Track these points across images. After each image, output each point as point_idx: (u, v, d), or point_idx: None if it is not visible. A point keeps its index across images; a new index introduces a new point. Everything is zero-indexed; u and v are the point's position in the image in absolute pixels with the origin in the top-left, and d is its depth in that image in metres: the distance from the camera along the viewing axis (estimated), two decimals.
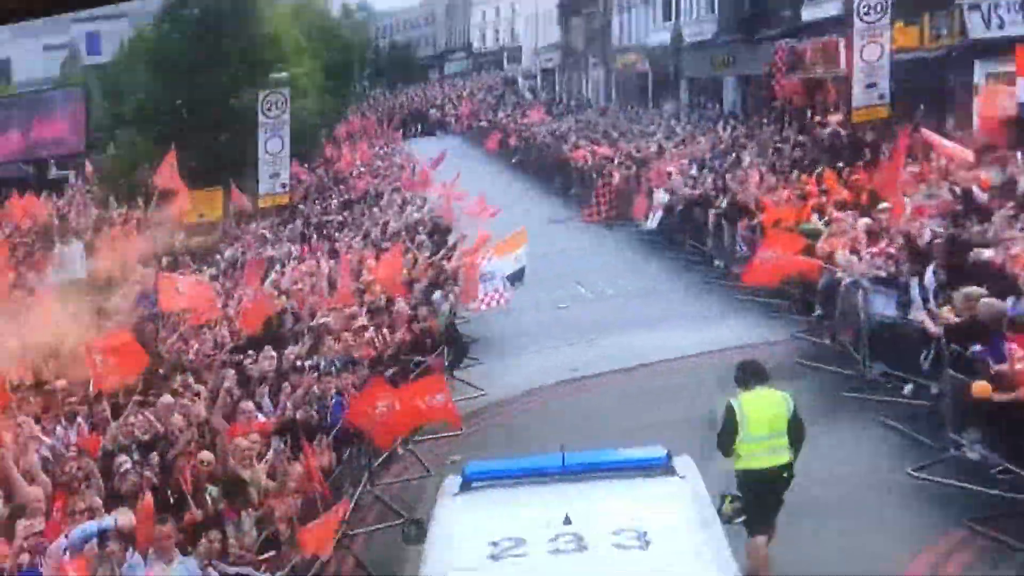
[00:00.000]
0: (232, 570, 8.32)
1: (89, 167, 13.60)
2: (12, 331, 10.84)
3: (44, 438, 9.42)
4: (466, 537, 5.93)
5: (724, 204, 12.86)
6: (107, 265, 12.01)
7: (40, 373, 10.43)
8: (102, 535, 7.98)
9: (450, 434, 9.81)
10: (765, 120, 14.63)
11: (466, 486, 6.39)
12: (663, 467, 6.28)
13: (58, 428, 9.71)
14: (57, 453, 9.26)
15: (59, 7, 10.55)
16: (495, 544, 5.73)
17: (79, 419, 9.83)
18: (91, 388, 10.07)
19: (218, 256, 12.84)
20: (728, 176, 13.33)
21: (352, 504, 9.19)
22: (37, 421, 9.63)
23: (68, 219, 12.81)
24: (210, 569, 8.18)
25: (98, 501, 8.39)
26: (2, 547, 8.15)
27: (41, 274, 11.91)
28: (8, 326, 10.90)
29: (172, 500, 8.81)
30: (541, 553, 5.62)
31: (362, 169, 14.57)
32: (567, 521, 5.74)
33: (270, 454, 9.13)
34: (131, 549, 8.01)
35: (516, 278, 11.52)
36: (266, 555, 8.38)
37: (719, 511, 6.51)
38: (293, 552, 8.37)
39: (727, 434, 7.57)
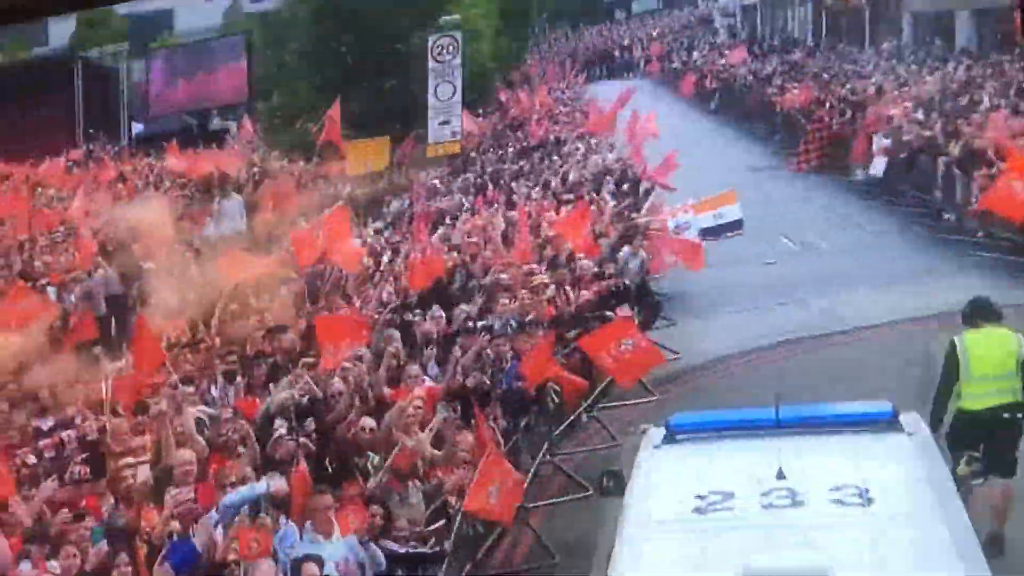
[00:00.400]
0: (400, 549, 8.06)
1: (250, 118, 13.57)
2: (171, 287, 10.84)
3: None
4: (670, 490, 6.00)
5: (957, 151, 11.96)
6: (268, 219, 11.92)
7: (196, 331, 10.40)
8: (253, 504, 7.83)
9: (638, 401, 9.40)
10: (1007, 57, 13.54)
11: (670, 438, 6.47)
12: (888, 422, 6.16)
13: (213, 389, 9.64)
14: (213, 415, 9.19)
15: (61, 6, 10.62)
16: (701, 497, 5.79)
17: (238, 379, 9.75)
18: (248, 349, 10.02)
19: (384, 208, 12.58)
20: (961, 120, 12.39)
21: (531, 476, 8.90)
22: (191, 382, 9.59)
23: (229, 171, 12.77)
24: (371, 544, 7.95)
25: (250, 472, 8.26)
26: (151, 514, 8.11)
27: (200, 228, 11.90)
28: (167, 281, 10.91)
29: (331, 469, 8.63)
30: (752, 507, 5.65)
31: (541, 115, 14.12)
32: (781, 475, 5.73)
33: (435, 421, 8.84)
34: (284, 517, 7.83)
35: (715, 232, 10.96)
36: (435, 526, 8.12)
37: (954, 472, 6.40)
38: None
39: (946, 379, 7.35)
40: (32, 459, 9.12)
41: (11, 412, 9.70)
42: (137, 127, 13.83)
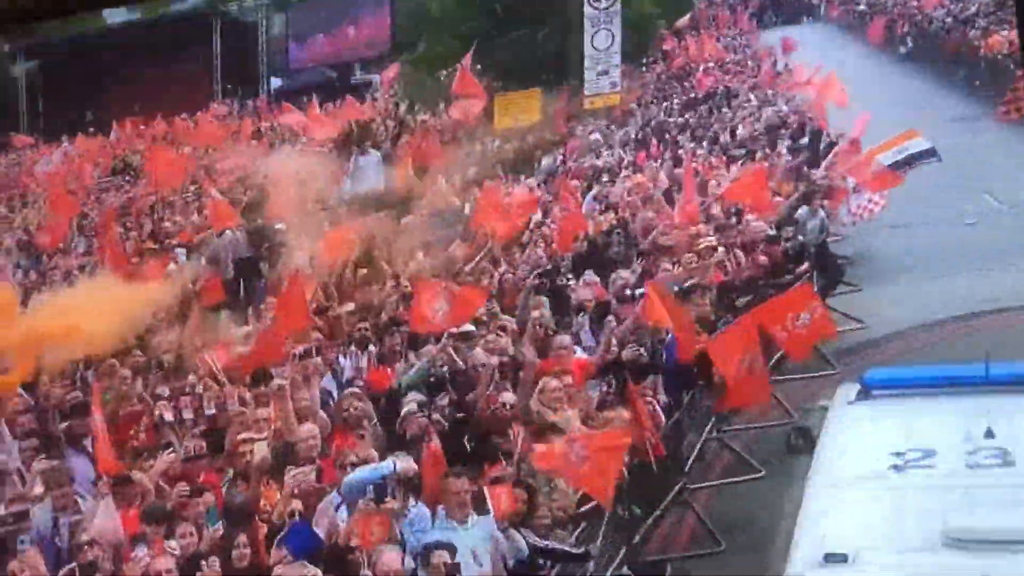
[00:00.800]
0: (540, 542, 7.54)
1: (393, 71, 13.17)
2: (303, 248, 10.52)
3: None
4: (866, 446, 6.18)
5: None
6: (406, 176, 11.48)
7: (329, 295, 10.02)
8: (379, 486, 7.39)
9: (819, 374, 8.73)
10: None
11: (866, 394, 6.61)
12: None
13: (341, 359, 9.26)
14: (341, 387, 8.85)
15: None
16: (899, 454, 5.98)
17: (371, 348, 9.36)
18: (382, 316, 9.63)
19: (535, 165, 12.04)
20: None
21: (695, 454, 8.53)
22: (318, 352, 9.22)
23: (368, 127, 12.37)
24: (512, 531, 7.44)
25: (373, 453, 7.85)
26: (272, 492, 7.79)
27: (337, 186, 11.52)
28: (299, 243, 10.59)
29: (469, 448, 8.15)
30: (956, 465, 5.78)
31: (710, 64, 13.34)
32: (990, 434, 5.84)
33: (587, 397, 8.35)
34: (413, 499, 7.37)
35: (906, 163, 10.08)
36: (586, 508, 7.67)
37: None
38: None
39: None
40: (167, 417, 8.91)
41: (133, 379, 9.54)
42: (276, 82, 13.59)
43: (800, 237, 10.08)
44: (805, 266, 9.63)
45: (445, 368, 8.90)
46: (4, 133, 13.55)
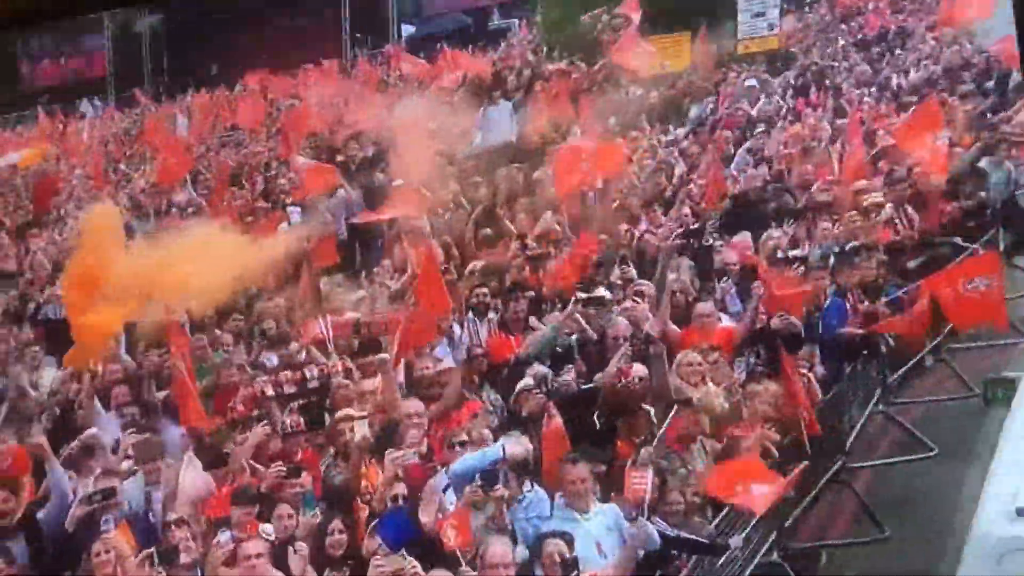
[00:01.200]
0: (670, 531, 6.84)
1: (532, 15, 12.48)
2: (422, 207, 9.96)
3: None
4: None
5: None
6: (540, 127, 10.79)
7: (450, 256, 9.46)
8: (486, 473, 6.78)
9: (1003, 342, 7.90)
10: None
11: None
12: None
13: (455, 326, 8.67)
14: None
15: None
16: None
17: (491, 314, 8.77)
18: (505, 280, 9.04)
19: (683, 115, 11.31)
20: None
21: (857, 431, 7.87)
22: None
23: (500, 75, 11.71)
24: (642, 519, 6.79)
25: (486, 432, 7.33)
26: (373, 473, 7.27)
27: (465, 139, 10.91)
28: (418, 201, 10.03)
29: (598, 427, 7.54)
30: None
31: (881, 3, 12.27)
32: None
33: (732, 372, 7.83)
34: (528, 482, 6.77)
35: None
36: None
37: None
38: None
39: None
40: (268, 392, 8.47)
41: (235, 346, 9.14)
42: (408, 29, 13.01)
43: (983, 192, 9.15)
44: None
45: (574, 336, 8.33)
46: (128, 89, 13.42)
